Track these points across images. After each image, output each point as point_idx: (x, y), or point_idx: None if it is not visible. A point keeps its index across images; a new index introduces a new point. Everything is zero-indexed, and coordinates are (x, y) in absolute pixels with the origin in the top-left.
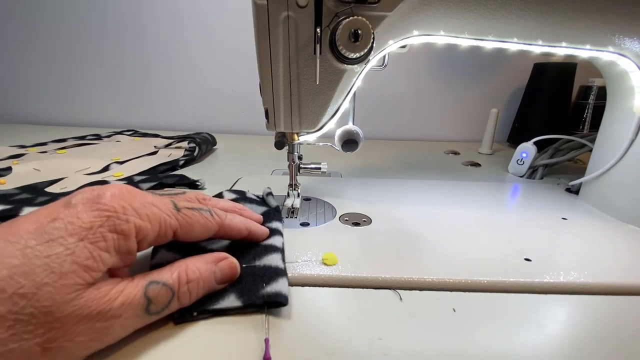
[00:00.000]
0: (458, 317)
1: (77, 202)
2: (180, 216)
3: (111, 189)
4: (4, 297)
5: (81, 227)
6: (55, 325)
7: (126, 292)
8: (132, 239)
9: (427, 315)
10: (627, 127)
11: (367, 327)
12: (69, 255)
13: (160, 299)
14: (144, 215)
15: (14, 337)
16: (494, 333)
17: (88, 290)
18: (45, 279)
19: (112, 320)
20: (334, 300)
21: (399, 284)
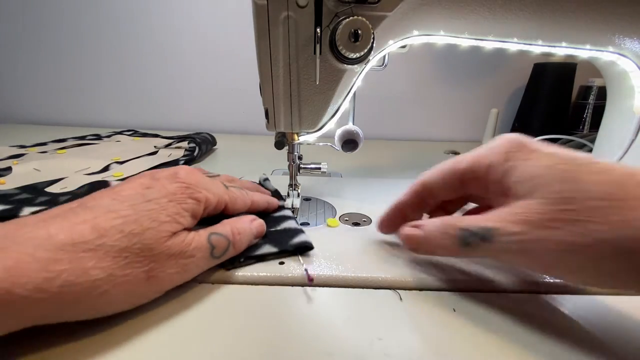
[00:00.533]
0: (458, 317)
1: (161, 177)
2: (229, 193)
3: (183, 170)
4: (123, 235)
5: (169, 192)
6: (154, 259)
7: (197, 239)
8: (202, 205)
9: (427, 315)
10: (627, 127)
11: (367, 327)
12: (163, 210)
13: (220, 246)
14: (210, 190)
15: (129, 265)
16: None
17: (173, 236)
18: (148, 225)
19: (189, 259)
20: (334, 300)
21: (399, 284)
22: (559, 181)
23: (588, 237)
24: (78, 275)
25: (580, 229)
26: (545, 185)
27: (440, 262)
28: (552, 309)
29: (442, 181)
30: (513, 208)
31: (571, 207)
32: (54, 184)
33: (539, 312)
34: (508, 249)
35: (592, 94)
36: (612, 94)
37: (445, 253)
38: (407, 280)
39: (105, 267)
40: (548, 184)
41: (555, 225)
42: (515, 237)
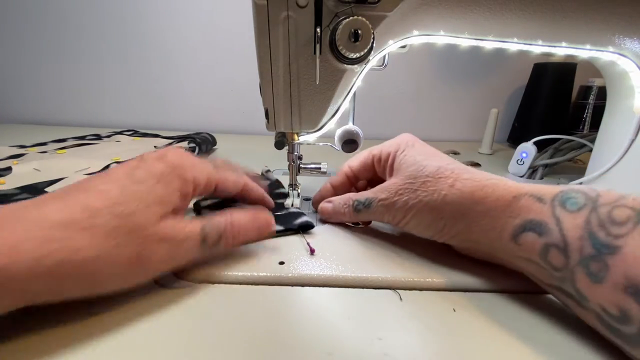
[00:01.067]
0: (458, 317)
1: (149, 158)
2: (219, 173)
3: (171, 150)
4: (113, 216)
5: (156, 173)
6: (144, 241)
7: (189, 227)
8: (190, 184)
9: (427, 315)
10: (627, 127)
11: (367, 327)
12: (151, 192)
13: (211, 238)
14: (197, 169)
15: (119, 245)
16: (494, 333)
17: (164, 219)
18: (136, 207)
19: (180, 245)
20: (334, 300)
21: (399, 284)
22: (410, 165)
23: (417, 200)
24: (70, 253)
25: (414, 195)
26: (404, 168)
27: (440, 262)
28: (552, 309)
29: (361, 164)
30: (385, 184)
31: (412, 182)
32: (54, 184)
33: (538, 312)
34: (379, 211)
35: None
36: (612, 94)
37: (346, 218)
38: (407, 280)
39: (96, 245)
40: (405, 168)
41: (403, 193)
42: (382, 202)
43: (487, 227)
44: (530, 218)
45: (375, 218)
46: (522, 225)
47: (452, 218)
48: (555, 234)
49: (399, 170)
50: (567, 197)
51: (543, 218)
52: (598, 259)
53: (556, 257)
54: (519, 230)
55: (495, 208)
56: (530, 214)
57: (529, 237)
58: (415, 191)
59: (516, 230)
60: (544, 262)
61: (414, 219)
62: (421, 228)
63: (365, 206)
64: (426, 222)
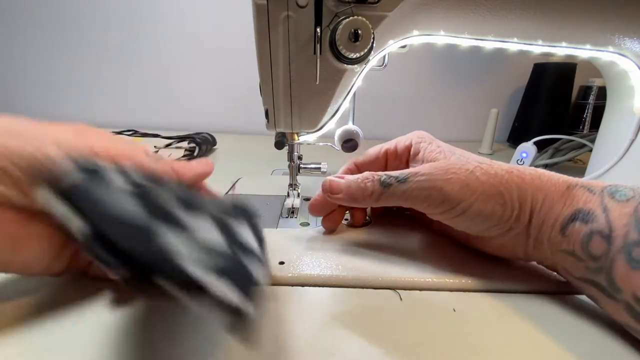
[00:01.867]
0: (458, 317)
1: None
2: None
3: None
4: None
5: None
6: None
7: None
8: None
9: (427, 315)
10: (627, 127)
11: (367, 327)
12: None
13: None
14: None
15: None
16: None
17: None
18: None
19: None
20: (334, 300)
21: (399, 284)
22: (450, 153)
23: (479, 182)
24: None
25: (473, 176)
26: (443, 156)
27: (440, 262)
28: (552, 309)
29: (369, 159)
30: (425, 164)
31: (464, 164)
32: None
33: (538, 312)
34: (420, 187)
35: (592, 94)
36: (612, 94)
37: (365, 195)
38: (407, 280)
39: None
40: (444, 156)
41: (457, 172)
42: (428, 177)
43: (544, 218)
44: (580, 207)
45: (409, 200)
46: (572, 214)
47: (519, 206)
48: (601, 221)
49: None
50: (617, 190)
51: (591, 207)
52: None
53: (598, 244)
54: (568, 221)
55: (552, 196)
56: (580, 203)
57: (576, 227)
58: (472, 172)
59: (566, 221)
60: (583, 252)
61: (474, 207)
62: (480, 219)
63: (399, 181)
64: (489, 210)
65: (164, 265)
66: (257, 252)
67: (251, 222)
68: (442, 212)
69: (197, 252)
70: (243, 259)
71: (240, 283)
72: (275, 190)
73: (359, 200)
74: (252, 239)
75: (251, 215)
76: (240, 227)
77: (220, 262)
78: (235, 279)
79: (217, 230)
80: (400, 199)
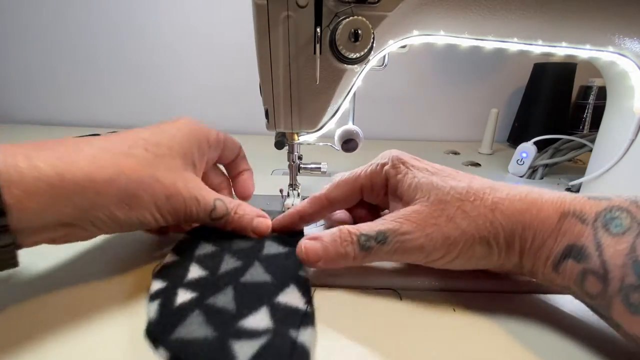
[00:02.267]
0: (458, 317)
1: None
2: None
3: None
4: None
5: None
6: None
7: (203, 193)
8: (204, 138)
9: (427, 315)
10: (627, 127)
11: (367, 327)
12: (174, 140)
13: (219, 211)
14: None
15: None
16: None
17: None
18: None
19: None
20: (334, 300)
21: (399, 284)
22: (430, 188)
23: (460, 231)
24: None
25: (453, 225)
26: (421, 193)
27: None
28: (552, 309)
29: (343, 195)
30: (402, 212)
31: (444, 207)
32: None
33: (538, 312)
34: (402, 248)
35: (592, 94)
36: (612, 94)
37: (346, 261)
38: (407, 280)
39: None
40: (424, 192)
41: (437, 223)
42: (407, 237)
43: (535, 257)
44: (571, 243)
45: (394, 259)
46: (564, 251)
47: (506, 248)
48: (594, 260)
49: (412, 196)
50: (612, 218)
51: (584, 242)
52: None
53: (593, 285)
54: (560, 258)
55: (543, 232)
56: (572, 237)
57: (569, 265)
58: (452, 219)
59: (558, 259)
60: (579, 290)
61: (461, 255)
62: (471, 263)
63: (378, 242)
64: (477, 255)
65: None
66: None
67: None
68: (428, 263)
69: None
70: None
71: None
72: (275, 190)
73: (340, 265)
74: (299, 298)
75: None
76: (289, 296)
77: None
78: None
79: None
80: (384, 259)
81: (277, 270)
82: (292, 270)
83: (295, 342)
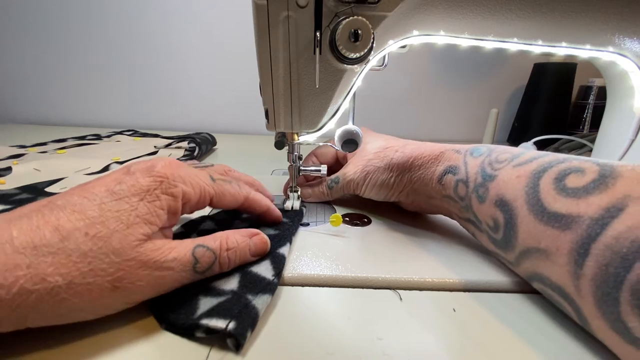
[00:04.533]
0: (458, 317)
1: (135, 170)
2: (216, 186)
3: (161, 161)
4: (87, 239)
5: (141, 189)
6: (122, 267)
7: (177, 249)
8: (179, 200)
9: (427, 315)
10: (627, 127)
11: (367, 327)
12: (133, 211)
13: (205, 260)
14: (189, 183)
15: (91, 273)
16: (494, 333)
17: (147, 242)
18: (116, 227)
19: (166, 272)
20: (334, 300)
21: (399, 284)
22: (361, 149)
23: (372, 167)
24: (35, 282)
25: (370, 164)
26: (368, 150)
27: (440, 262)
28: (552, 309)
29: (326, 158)
30: (347, 164)
31: (364, 155)
32: (54, 184)
33: (538, 312)
34: (345, 184)
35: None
36: (612, 94)
37: (324, 196)
38: (407, 280)
39: (65, 273)
40: (369, 150)
41: (360, 165)
42: (347, 174)
43: (423, 176)
44: (450, 164)
45: (344, 191)
46: (444, 170)
47: (398, 175)
48: (462, 172)
49: (355, 154)
50: (475, 149)
51: (457, 163)
52: (483, 185)
53: (462, 189)
54: (442, 174)
55: (428, 161)
56: (450, 161)
57: (448, 178)
58: (369, 161)
59: (440, 174)
60: (455, 195)
61: (370, 183)
62: (376, 189)
63: (335, 183)
64: (379, 182)
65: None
66: (265, 282)
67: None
68: (358, 192)
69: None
70: (244, 294)
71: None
72: (275, 190)
73: (321, 198)
74: (270, 270)
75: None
76: (261, 267)
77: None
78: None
79: (237, 280)
80: (340, 192)
81: None
82: (272, 249)
83: (248, 304)
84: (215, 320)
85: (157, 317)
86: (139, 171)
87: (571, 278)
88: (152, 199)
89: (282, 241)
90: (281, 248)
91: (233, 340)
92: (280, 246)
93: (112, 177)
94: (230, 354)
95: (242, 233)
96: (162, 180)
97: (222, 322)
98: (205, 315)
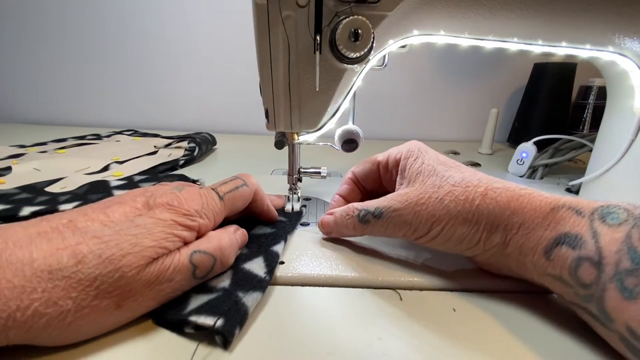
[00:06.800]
0: (458, 317)
1: (157, 205)
2: (225, 202)
3: (184, 195)
4: (99, 262)
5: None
6: (127, 288)
7: (176, 260)
8: (195, 233)
9: (427, 315)
10: (627, 127)
11: (367, 327)
12: (149, 234)
13: (204, 265)
14: (204, 215)
15: (99, 296)
16: (494, 333)
17: (152, 263)
18: (129, 250)
19: (166, 284)
20: (334, 300)
21: (399, 284)
22: (430, 174)
23: (446, 211)
24: (48, 306)
25: (440, 205)
26: (422, 177)
27: (440, 262)
28: (552, 309)
29: (364, 170)
30: (398, 193)
31: (436, 190)
32: (54, 183)
33: (538, 312)
34: (394, 222)
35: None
36: (612, 94)
37: (348, 231)
38: (407, 280)
39: (74, 297)
40: (424, 176)
41: (425, 202)
42: (398, 213)
43: (522, 241)
44: (566, 231)
45: (387, 232)
46: (556, 238)
47: (488, 231)
48: (590, 247)
49: (414, 178)
50: (608, 212)
51: (580, 231)
52: (636, 273)
53: (587, 272)
54: (552, 245)
55: (532, 220)
56: (567, 227)
57: (562, 251)
58: (441, 200)
59: (550, 245)
60: (571, 279)
61: (443, 233)
62: (452, 243)
63: (375, 216)
64: (458, 235)
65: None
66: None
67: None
68: (416, 239)
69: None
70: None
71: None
72: (275, 190)
73: (347, 235)
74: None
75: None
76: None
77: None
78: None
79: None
80: (379, 232)
81: (254, 245)
82: (265, 246)
83: (238, 302)
84: (204, 317)
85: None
86: (160, 205)
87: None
88: (169, 229)
89: (277, 239)
90: (275, 246)
91: (221, 337)
92: (275, 244)
93: (132, 207)
94: (218, 350)
95: (229, 230)
96: (183, 214)
97: (211, 319)
98: (195, 312)
